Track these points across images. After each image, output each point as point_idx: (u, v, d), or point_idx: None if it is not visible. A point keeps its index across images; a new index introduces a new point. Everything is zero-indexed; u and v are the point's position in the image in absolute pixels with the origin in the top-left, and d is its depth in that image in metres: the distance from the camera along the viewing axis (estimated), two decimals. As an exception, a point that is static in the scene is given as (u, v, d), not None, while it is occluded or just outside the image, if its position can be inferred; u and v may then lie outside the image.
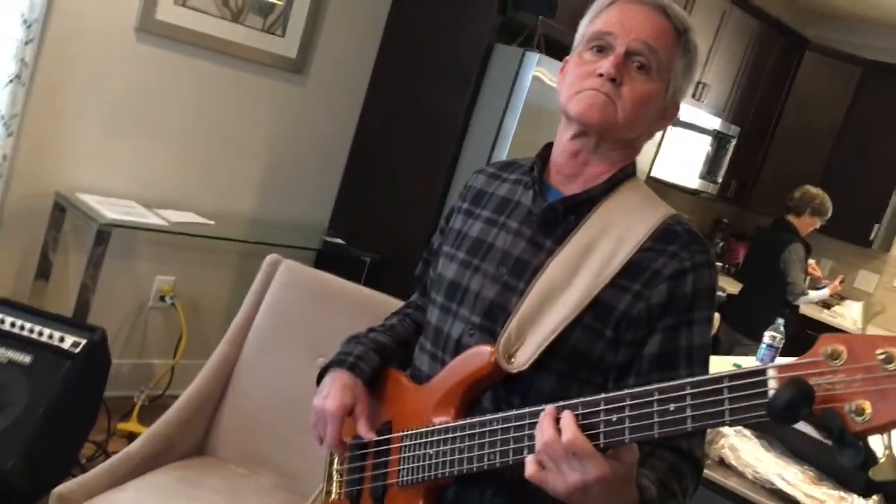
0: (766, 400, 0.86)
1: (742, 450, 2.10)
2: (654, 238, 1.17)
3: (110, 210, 2.89)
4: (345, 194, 3.80)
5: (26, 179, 2.91)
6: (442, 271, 1.31)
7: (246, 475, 2.09)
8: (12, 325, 2.54)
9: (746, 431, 2.19)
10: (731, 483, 2.00)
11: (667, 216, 1.20)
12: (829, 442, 0.86)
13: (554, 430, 0.98)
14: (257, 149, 3.51)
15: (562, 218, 1.21)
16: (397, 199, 3.56)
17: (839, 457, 0.84)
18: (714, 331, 4.68)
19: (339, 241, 3.60)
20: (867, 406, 0.81)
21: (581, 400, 1.00)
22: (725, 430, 2.17)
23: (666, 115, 1.26)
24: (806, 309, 4.83)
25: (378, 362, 1.33)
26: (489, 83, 3.31)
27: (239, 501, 1.96)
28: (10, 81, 2.70)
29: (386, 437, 1.26)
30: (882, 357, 0.81)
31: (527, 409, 1.07)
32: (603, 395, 0.99)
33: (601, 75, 1.17)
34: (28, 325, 2.55)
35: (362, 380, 1.30)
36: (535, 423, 1.03)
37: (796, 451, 2.15)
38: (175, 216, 3.12)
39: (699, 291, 1.15)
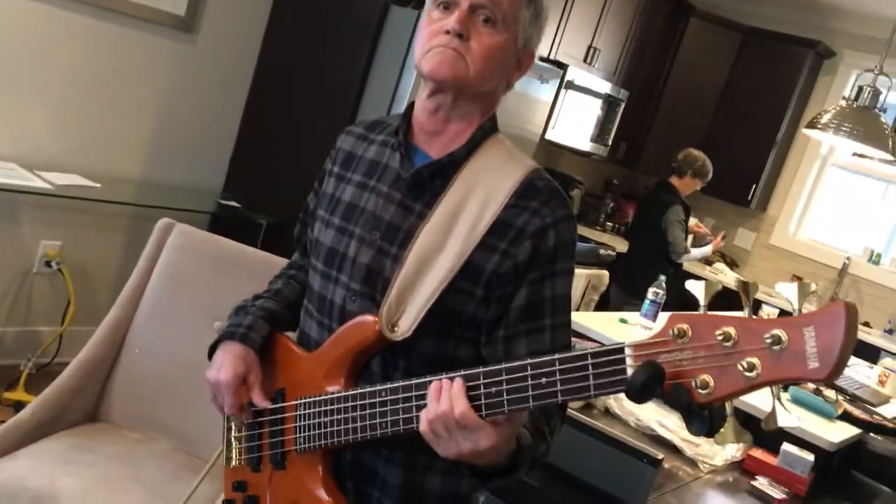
0: (625, 377, 0.95)
1: (625, 400, 2.23)
2: (517, 195, 1.22)
3: (-10, 173, 2.77)
4: (239, 156, 3.75)
5: None
6: (319, 237, 1.33)
7: (141, 440, 2.08)
8: None
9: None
10: (616, 431, 2.12)
11: (528, 172, 1.24)
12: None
13: (447, 402, 1.05)
14: (146, 109, 3.41)
15: (429, 182, 1.25)
16: (293, 160, 3.53)
17: (688, 426, 0.93)
18: (604, 289, 4.85)
19: (234, 203, 3.56)
20: (710, 380, 0.91)
21: (462, 373, 1.07)
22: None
23: (521, 66, 1.29)
24: (690, 266, 5.08)
25: (268, 330, 1.35)
26: (385, 44, 3.31)
27: (135, 466, 1.95)
28: None
29: (280, 405, 1.29)
30: (721, 336, 0.90)
31: (413, 381, 1.12)
32: (481, 369, 1.06)
33: (448, 32, 1.19)
34: None
35: (254, 349, 1.32)
36: (423, 394, 1.09)
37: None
38: (59, 179, 3.02)
39: (560, 245, 1.21)
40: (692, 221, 4.87)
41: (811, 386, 2.72)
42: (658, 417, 2.24)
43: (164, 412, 2.13)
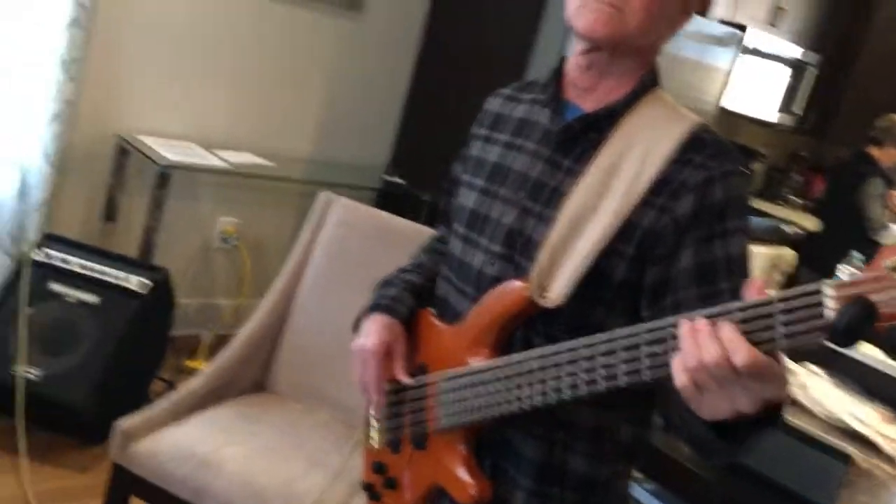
0: (823, 320, 0.80)
1: (811, 387, 2.02)
2: (681, 150, 1.09)
3: (170, 152, 2.91)
4: (405, 133, 3.76)
5: (89, 123, 2.94)
6: (462, 201, 1.26)
7: (304, 410, 2.11)
8: (81, 266, 2.60)
9: (816, 368, 2.10)
10: (801, 422, 1.92)
11: (693, 126, 1.11)
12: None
13: (715, 347, 0.85)
14: (314, 87, 3.48)
15: (582, 136, 1.14)
16: (459, 136, 3.48)
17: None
18: (791, 271, 4.48)
19: (399, 180, 3.57)
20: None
21: (702, 312, 0.89)
22: (795, 367, 2.08)
23: (687, 8, 1.14)
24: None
25: (413, 303, 1.29)
26: (550, 19, 3.19)
27: (296, 436, 1.98)
28: (71, 25, 2.71)
29: (422, 380, 1.23)
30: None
31: (603, 336, 0.98)
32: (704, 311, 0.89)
33: None
34: (95, 266, 2.61)
35: (399, 320, 1.27)
36: (610, 351, 0.96)
37: (870, 388, 2.05)
38: (234, 157, 3.13)
39: (730, 200, 1.07)
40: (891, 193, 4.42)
41: None
42: (851, 408, 2.01)
43: (326, 383, 2.16)
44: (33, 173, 2.81)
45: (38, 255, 2.60)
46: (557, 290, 1.09)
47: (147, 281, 2.62)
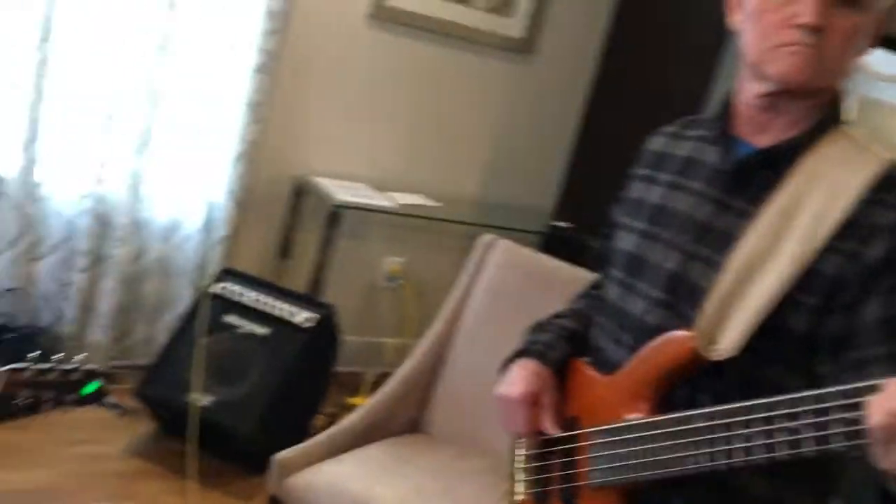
0: None
1: None
2: (872, 189, 0.97)
3: (343, 192, 3.00)
4: (573, 177, 3.69)
5: (270, 164, 3.09)
6: (620, 244, 1.18)
7: (457, 456, 2.07)
8: (254, 299, 2.71)
9: None
10: None
11: (887, 163, 0.99)
12: None
13: None
14: (483, 130, 3.49)
15: (756, 174, 1.04)
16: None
17: None
18: None
19: (565, 224, 3.50)
20: None
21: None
22: None
23: (878, 32, 1.03)
24: None
25: (567, 350, 1.22)
26: (726, 62, 3.04)
27: (448, 482, 1.93)
28: (257, 71, 2.87)
29: (573, 433, 1.15)
30: None
31: (743, 405, 0.90)
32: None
33: (800, 25, 0.96)
34: (267, 300, 2.71)
35: (550, 368, 1.20)
36: (793, 414, 0.86)
37: None
38: (403, 198, 3.18)
39: None
40: None
41: None
42: None
43: (481, 428, 2.10)
44: (218, 209, 2.98)
45: (217, 288, 2.73)
46: (727, 342, 0.99)
47: (314, 316, 2.68)
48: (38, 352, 1.39)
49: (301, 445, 1.96)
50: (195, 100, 2.86)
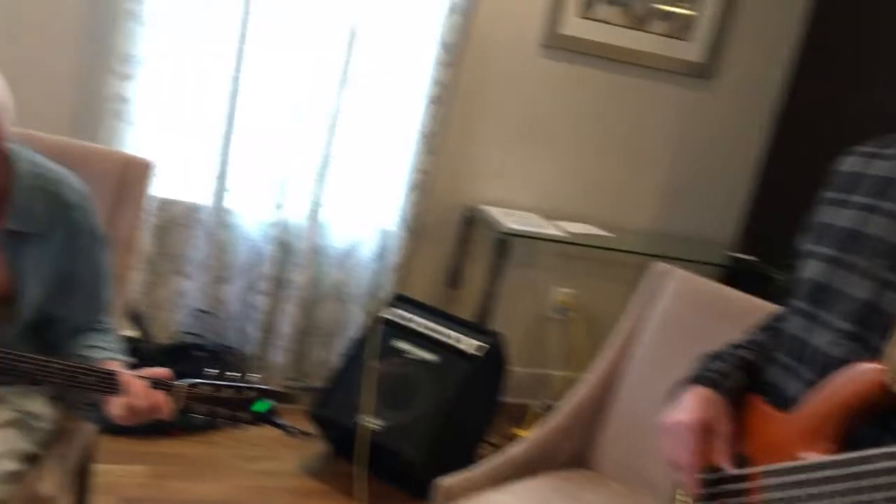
0: None
1: None
2: None
3: (511, 221, 2.99)
4: (756, 207, 3.49)
5: (442, 193, 3.14)
6: (805, 273, 1.09)
7: (625, 494, 1.97)
8: (423, 326, 2.74)
9: None
10: None
11: None
12: None
13: None
14: (657, 158, 3.38)
15: None
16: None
17: None
18: None
19: (748, 257, 3.31)
20: None
21: None
22: None
23: None
24: None
25: (742, 382, 1.13)
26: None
27: (615, 520, 1.84)
28: (431, 102, 2.94)
29: (744, 471, 1.05)
30: None
31: None
32: None
33: None
34: (436, 327, 2.73)
35: (726, 398, 1.11)
36: None
37: None
38: (573, 227, 3.13)
39: None
40: None
41: None
42: None
43: (654, 466, 1.98)
44: (391, 237, 3.05)
45: (388, 313, 2.78)
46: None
47: (482, 345, 2.68)
48: (216, 370, 1.45)
49: (464, 473, 1.94)
50: (371, 129, 2.96)
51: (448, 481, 1.89)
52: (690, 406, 1.11)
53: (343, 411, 2.64)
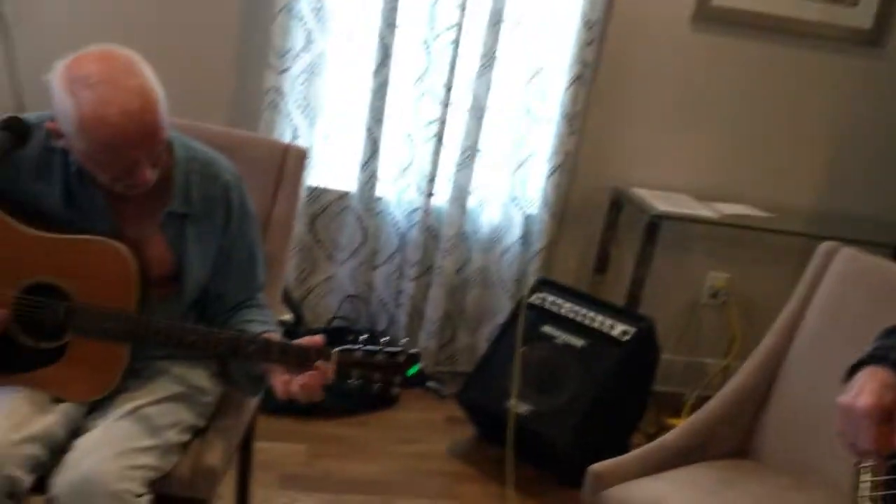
0: None
1: None
2: None
3: (662, 202, 2.89)
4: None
5: (587, 175, 3.08)
6: None
7: (791, 486, 1.86)
8: (571, 311, 2.69)
9: None
10: None
11: None
12: None
13: None
14: (820, 133, 3.17)
15: None
16: None
17: None
18: None
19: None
20: None
21: None
22: None
23: None
24: None
25: None
26: None
27: (780, 513, 1.74)
28: (573, 82, 2.88)
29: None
30: None
31: None
32: None
33: None
34: (584, 312, 2.68)
35: None
36: None
37: None
38: (728, 208, 2.99)
39: None
40: None
41: None
42: None
43: (824, 457, 1.87)
44: (536, 221, 3.02)
45: (535, 298, 2.75)
46: None
47: (633, 329, 2.60)
48: (367, 334, 1.48)
49: (616, 459, 1.88)
50: (515, 112, 2.93)
51: (600, 467, 1.84)
52: (866, 390, 1.03)
53: (490, 396, 2.64)
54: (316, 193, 2.93)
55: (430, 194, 2.93)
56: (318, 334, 1.47)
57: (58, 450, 1.47)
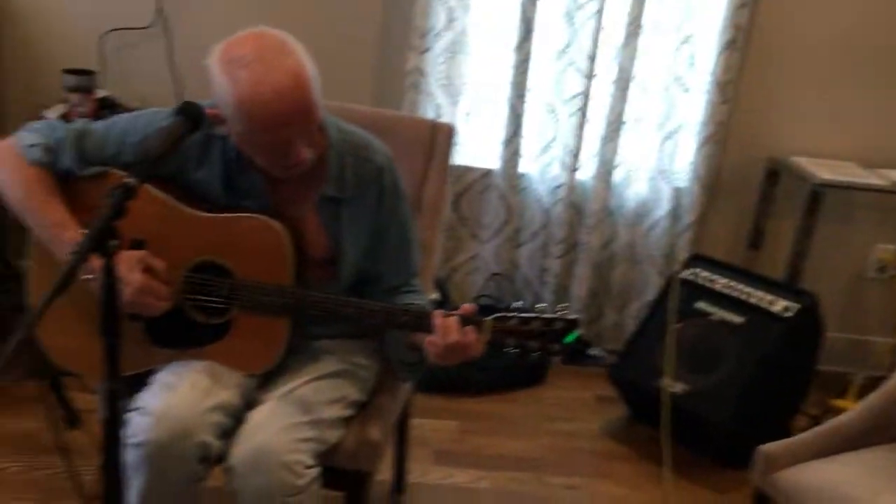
0: None
1: None
2: None
3: (825, 171, 2.72)
4: None
5: (740, 145, 2.93)
6: None
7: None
8: (726, 286, 2.58)
9: None
10: None
11: None
12: None
13: None
14: None
15: None
16: None
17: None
18: None
19: None
20: None
21: None
22: None
23: None
24: None
25: None
26: None
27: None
28: (725, 48, 2.74)
29: None
30: None
31: None
32: None
33: None
34: (741, 287, 2.56)
35: None
36: None
37: None
38: (898, 175, 2.78)
39: None
40: None
41: None
42: None
43: None
44: (685, 195, 2.91)
45: (687, 274, 2.65)
46: None
47: (795, 305, 2.47)
48: (521, 301, 1.45)
49: (786, 441, 1.79)
50: (662, 82, 2.83)
51: (772, 448, 1.77)
52: None
53: (642, 374, 2.58)
54: (459, 172, 2.93)
55: (574, 169, 2.87)
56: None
57: (238, 418, 1.53)
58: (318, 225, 1.60)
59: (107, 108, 2.57)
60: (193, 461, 1.47)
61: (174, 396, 1.47)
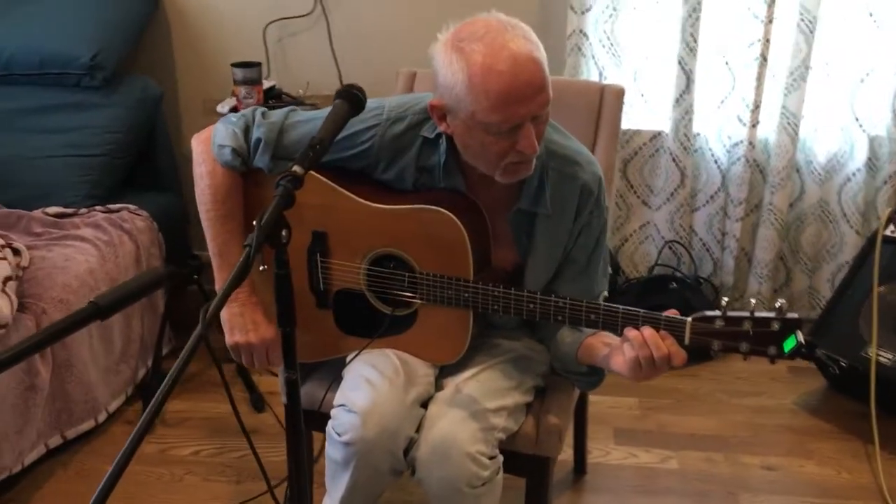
0: None
1: None
2: None
3: None
4: None
5: None
6: None
7: None
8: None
9: None
10: None
11: None
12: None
13: None
14: None
15: None
16: None
17: None
18: None
19: None
20: None
21: None
22: None
23: None
24: None
25: None
26: None
27: None
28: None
29: None
30: None
31: None
32: None
33: None
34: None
35: None
36: None
37: None
38: None
39: None
40: None
41: None
42: None
43: None
44: (883, 143, 2.63)
45: (890, 231, 2.39)
46: None
47: None
48: (726, 300, 1.30)
49: None
50: (852, 21, 2.55)
51: None
52: None
53: (843, 344, 2.36)
54: (626, 136, 2.78)
55: (754, 124, 2.65)
56: (640, 283, 1.32)
57: (427, 408, 1.51)
58: (509, 238, 1.53)
59: (273, 97, 2.62)
60: (400, 455, 1.47)
61: (377, 393, 1.47)
